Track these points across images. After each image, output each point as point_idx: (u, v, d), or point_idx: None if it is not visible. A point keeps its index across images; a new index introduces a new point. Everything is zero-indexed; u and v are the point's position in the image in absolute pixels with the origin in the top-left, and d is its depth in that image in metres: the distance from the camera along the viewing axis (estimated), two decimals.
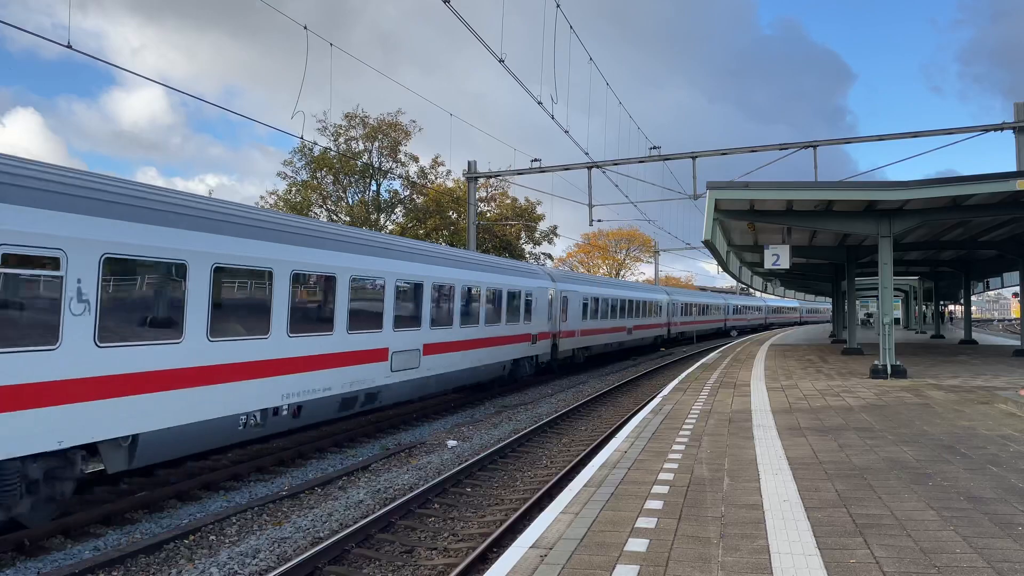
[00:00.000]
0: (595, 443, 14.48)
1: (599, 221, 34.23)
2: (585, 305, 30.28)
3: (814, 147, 27.00)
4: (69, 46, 11.24)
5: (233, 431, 11.00)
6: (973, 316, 49.95)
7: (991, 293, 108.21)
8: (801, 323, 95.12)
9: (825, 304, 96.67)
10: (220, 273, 10.60)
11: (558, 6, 17.57)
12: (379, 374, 14.71)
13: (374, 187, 48.08)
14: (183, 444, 10.18)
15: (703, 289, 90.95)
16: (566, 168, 31.54)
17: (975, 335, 41.37)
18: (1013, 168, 24.95)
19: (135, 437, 9.32)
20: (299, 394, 12.29)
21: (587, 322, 30.67)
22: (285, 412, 12.10)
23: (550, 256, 58.33)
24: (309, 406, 12.64)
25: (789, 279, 51.48)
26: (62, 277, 8.28)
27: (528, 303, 23.31)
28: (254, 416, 11.37)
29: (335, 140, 45.33)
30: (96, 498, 10.35)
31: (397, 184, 48.75)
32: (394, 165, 47.25)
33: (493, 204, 52.91)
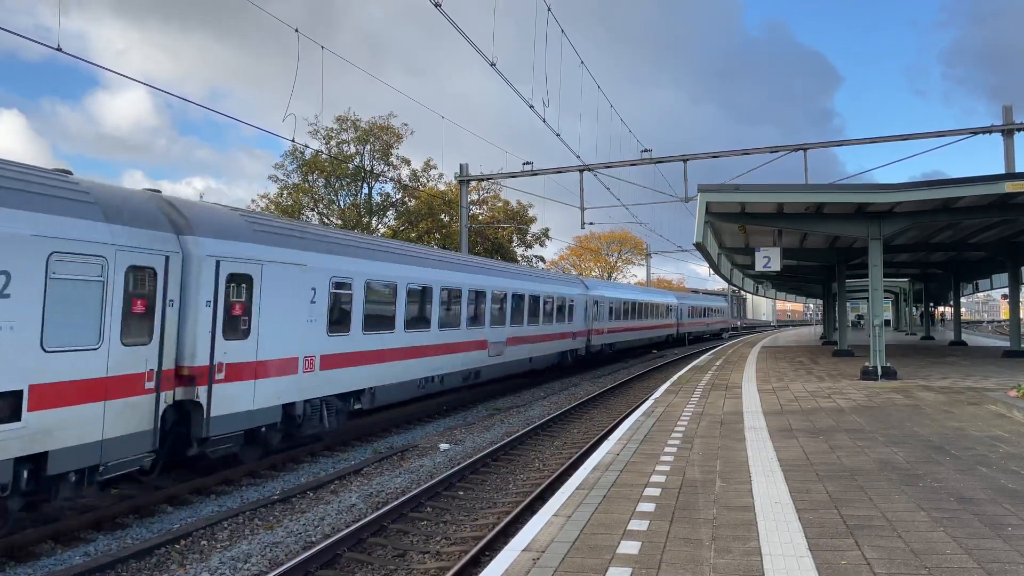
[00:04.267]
0: (588, 446, 14.49)
1: (591, 224, 34.22)
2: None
3: (804, 150, 27.14)
4: (59, 48, 11.20)
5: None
6: (963, 318, 50.20)
7: (980, 295, 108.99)
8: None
9: (719, 301, 72.93)
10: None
11: (549, 9, 17.61)
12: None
13: (366, 190, 48.04)
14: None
15: (695, 291, 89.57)
16: (558, 171, 31.57)
17: (965, 336, 41.60)
18: (1001, 170, 25.16)
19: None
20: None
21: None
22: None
23: (542, 259, 58.31)
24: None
25: (780, 281, 51.67)
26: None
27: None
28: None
29: (326, 143, 45.27)
30: (86, 503, 10.29)
31: (389, 187, 48.72)
32: (386, 168, 47.22)
33: (485, 207, 52.92)
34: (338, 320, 13.87)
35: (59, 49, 11.22)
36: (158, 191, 11.28)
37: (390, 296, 15.93)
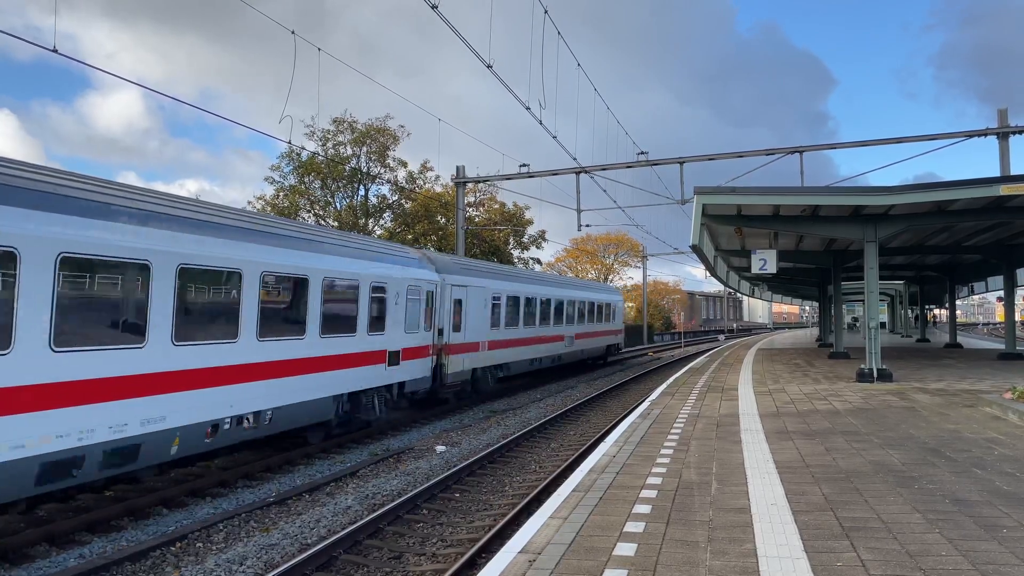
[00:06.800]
0: (584, 448, 14.49)
1: (587, 226, 34.23)
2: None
3: (800, 153, 27.18)
4: (55, 50, 11.18)
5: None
6: (958, 320, 50.31)
7: (976, 297, 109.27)
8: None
9: (607, 294, 38.51)
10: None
11: (545, 12, 17.63)
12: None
13: (362, 192, 48.00)
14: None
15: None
16: (554, 173, 31.59)
17: (960, 339, 41.71)
18: (995, 172, 25.23)
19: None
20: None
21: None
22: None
23: (539, 261, 58.29)
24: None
25: (776, 284, 51.77)
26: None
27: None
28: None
29: (323, 145, 45.23)
30: (81, 505, 10.26)
31: (385, 189, 48.67)
32: (382, 170, 47.19)
33: (481, 209, 52.91)
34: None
35: (55, 50, 11.19)
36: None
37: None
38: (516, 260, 53.61)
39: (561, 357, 30.06)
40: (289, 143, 18.53)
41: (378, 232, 46.53)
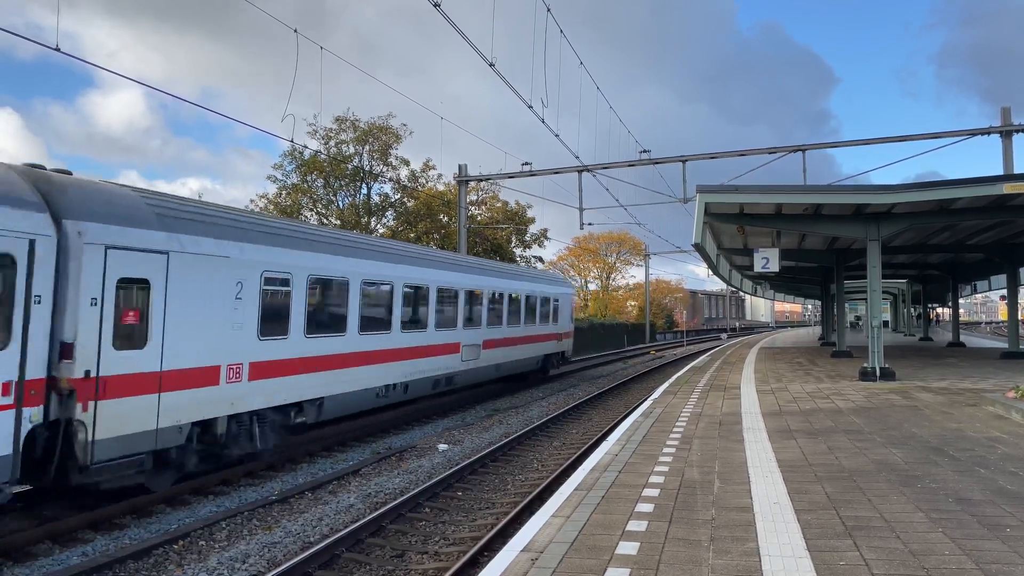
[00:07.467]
0: (586, 446, 14.49)
1: (589, 224, 34.18)
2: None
3: (803, 151, 27.13)
4: (57, 48, 11.18)
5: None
6: (961, 319, 50.24)
7: (978, 296, 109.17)
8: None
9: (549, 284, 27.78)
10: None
11: (548, 10, 17.61)
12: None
13: (364, 190, 48.00)
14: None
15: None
16: (556, 172, 31.55)
17: (963, 338, 41.65)
18: (997, 171, 25.19)
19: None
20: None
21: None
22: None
23: (540, 259, 58.19)
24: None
25: (778, 282, 51.72)
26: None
27: None
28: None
29: (325, 144, 45.23)
30: (83, 503, 10.27)
31: (388, 188, 48.66)
32: (385, 169, 47.19)
33: (484, 208, 52.88)
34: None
35: (57, 49, 11.20)
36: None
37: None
38: (519, 258, 53.56)
39: (454, 378, 19.48)
40: (291, 142, 18.53)
41: (380, 231, 46.55)
